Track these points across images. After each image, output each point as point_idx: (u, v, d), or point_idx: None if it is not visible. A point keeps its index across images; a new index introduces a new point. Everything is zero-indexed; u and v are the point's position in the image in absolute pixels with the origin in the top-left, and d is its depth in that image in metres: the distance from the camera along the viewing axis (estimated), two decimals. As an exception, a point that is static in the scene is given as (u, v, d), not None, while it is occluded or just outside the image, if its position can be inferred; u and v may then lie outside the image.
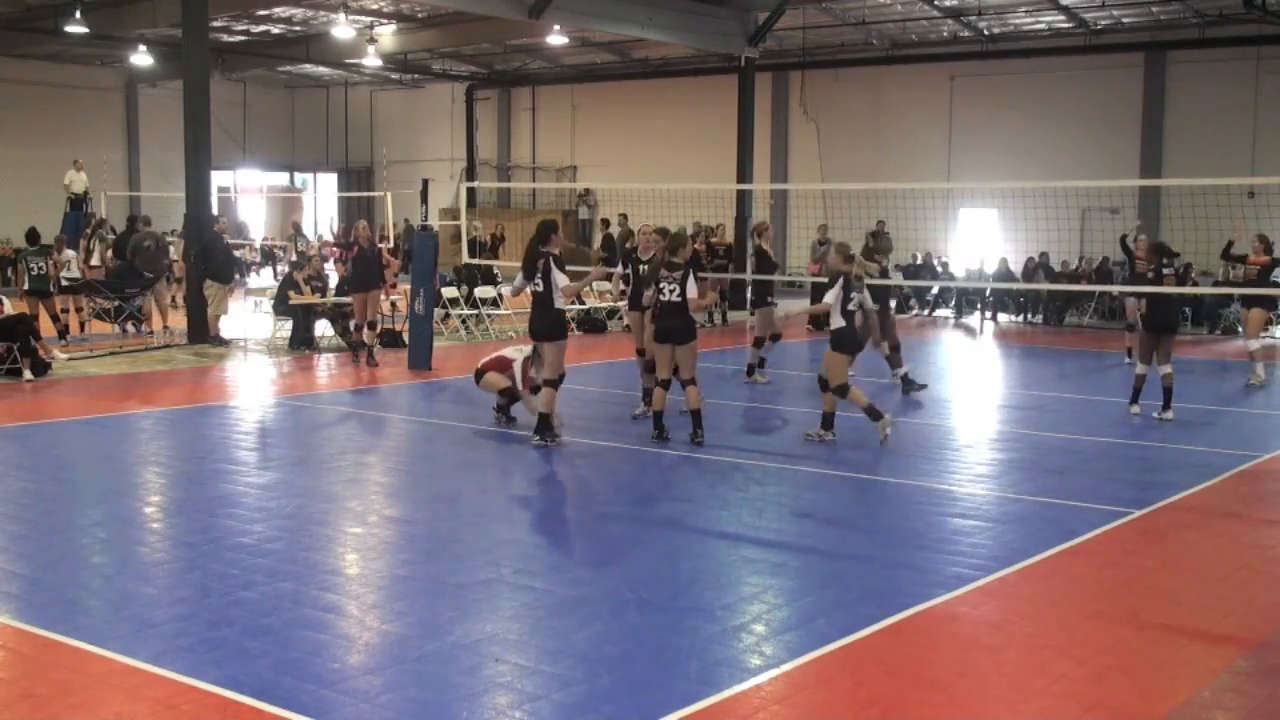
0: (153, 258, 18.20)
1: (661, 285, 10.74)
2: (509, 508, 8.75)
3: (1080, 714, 5.22)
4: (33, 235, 18.78)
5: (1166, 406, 12.32)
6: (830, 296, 10.78)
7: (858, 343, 11.00)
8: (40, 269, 17.28)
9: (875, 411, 10.86)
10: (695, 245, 17.75)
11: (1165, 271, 12.68)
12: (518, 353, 11.60)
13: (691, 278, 10.74)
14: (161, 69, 30.56)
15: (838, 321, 10.78)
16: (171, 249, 20.57)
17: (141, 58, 28.61)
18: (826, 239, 22.38)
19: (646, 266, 11.31)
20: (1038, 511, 8.73)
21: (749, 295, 18.31)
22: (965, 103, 27.79)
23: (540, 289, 10.54)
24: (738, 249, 23.94)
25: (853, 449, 10.82)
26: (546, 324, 10.62)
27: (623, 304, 15.44)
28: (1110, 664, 5.75)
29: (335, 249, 19.06)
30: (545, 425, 10.60)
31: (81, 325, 18.34)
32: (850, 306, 10.78)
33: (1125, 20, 25.26)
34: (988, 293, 24.01)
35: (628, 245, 21.91)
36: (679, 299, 10.67)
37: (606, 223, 29.13)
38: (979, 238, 26.63)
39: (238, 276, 23.34)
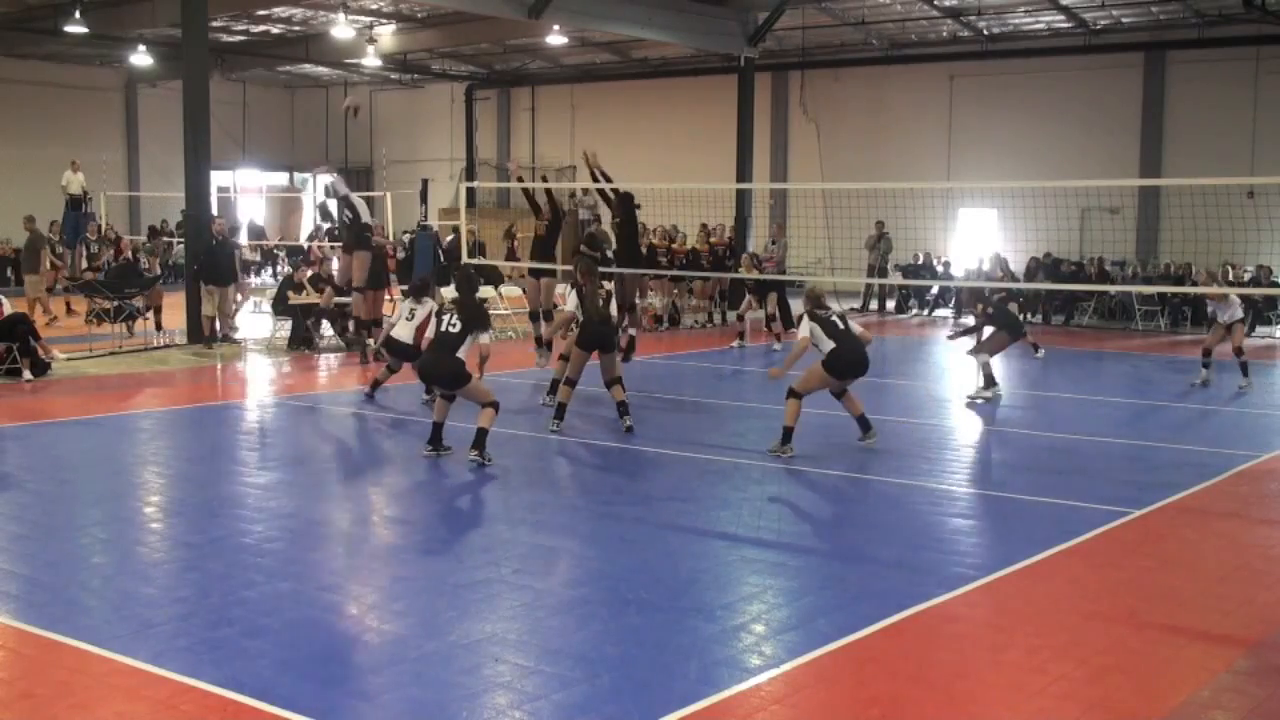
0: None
1: None
2: (509, 508, 8.75)
3: (1080, 714, 5.22)
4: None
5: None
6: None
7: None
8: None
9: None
10: (696, 245, 17.84)
11: None
12: None
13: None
14: (161, 69, 30.51)
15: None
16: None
17: (141, 58, 28.56)
18: (781, 239, 22.83)
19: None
20: (1038, 511, 8.73)
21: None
22: (965, 103, 27.77)
23: None
24: (737, 248, 23.93)
25: (852, 449, 10.81)
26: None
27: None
28: (1110, 664, 5.76)
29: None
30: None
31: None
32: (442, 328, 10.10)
33: (1125, 20, 25.25)
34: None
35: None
36: None
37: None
38: (979, 237, 26.60)
39: (249, 278, 23.27)
